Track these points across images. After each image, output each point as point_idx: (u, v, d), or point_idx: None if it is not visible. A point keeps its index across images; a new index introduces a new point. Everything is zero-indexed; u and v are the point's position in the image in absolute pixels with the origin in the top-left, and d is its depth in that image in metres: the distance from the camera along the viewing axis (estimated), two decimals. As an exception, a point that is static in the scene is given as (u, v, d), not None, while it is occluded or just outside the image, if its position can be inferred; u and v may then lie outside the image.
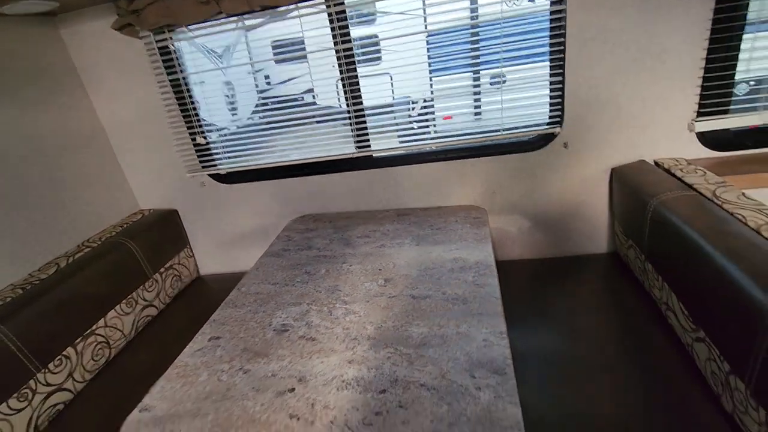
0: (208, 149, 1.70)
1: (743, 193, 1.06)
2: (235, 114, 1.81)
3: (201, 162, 1.71)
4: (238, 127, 1.76)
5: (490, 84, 1.49)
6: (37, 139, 1.42)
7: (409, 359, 0.86)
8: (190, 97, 1.60)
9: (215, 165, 1.71)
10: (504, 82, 1.45)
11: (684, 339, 1.05)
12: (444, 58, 1.47)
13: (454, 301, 1.02)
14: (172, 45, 1.52)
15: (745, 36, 1.23)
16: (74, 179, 1.54)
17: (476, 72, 1.51)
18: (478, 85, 1.50)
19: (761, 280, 0.77)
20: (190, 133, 1.64)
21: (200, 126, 1.65)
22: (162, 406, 0.84)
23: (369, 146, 1.60)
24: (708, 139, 1.35)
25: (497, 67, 1.41)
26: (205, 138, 1.66)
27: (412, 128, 1.59)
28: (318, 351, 0.93)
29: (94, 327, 1.35)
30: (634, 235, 1.29)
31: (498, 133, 1.47)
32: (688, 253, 0.98)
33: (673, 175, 1.25)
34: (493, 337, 0.89)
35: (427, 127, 1.62)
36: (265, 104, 1.70)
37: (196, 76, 1.61)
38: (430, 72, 1.55)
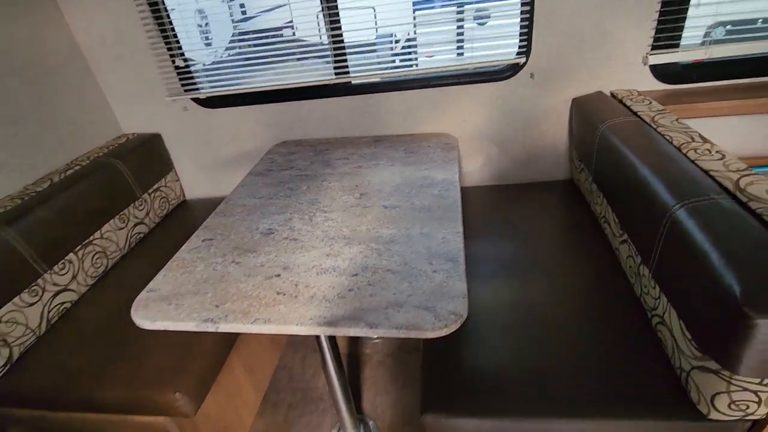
0: (189, 72, 1.72)
1: (677, 120, 1.20)
2: (210, 47, 1.81)
3: (182, 85, 1.74)
4: (213, 62, 1.77)
5: (467, 18, 1.54)
6: (12, 53, 1.42)
7: (378, 252, 1.01)
8: (168, 17, 1.60)
9: (196, 89, 1.74)
10: (487, 17, 1.51)
11: (613, 244, 1.24)
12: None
13: (420, 209, 1.16)
14: (147, -40, 1.49)
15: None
16: (55, 98, 1.56)
17: (460, 6, 1.55)
18: (461, 20, 1.55)
19: (671, 186, 0.93)
20: (170, 55, 1.66)
21: (179, 48, 1.66)
22: (166, 288, 0.98)
23: (348, 73, 1.65)
24: (659, 72, 1.47)
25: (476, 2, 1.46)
26: (185, 60, 1.68)
27: (394, 63, 1.66)
28: (300, 248, 1.07)
29: (91, 238, 1.46)
30: (585, 159, 1.44)
31: (471, 61, 1.55)
32: (622, 169, 1.13)
33: (624, 105, 1.38)
34: (450, 235, 1.04)
35: (410, 63, 1.68)
36: (241, 39, 1.71)
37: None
38: (414, 4, 1.58)
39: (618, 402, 0.88)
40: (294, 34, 1.65)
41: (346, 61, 1.63)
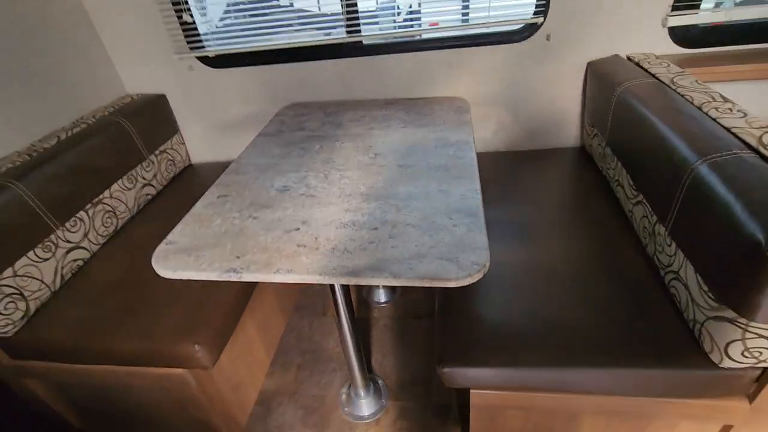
0: (195, 29, 1.67)
1: (696, 81, 1.19)
2: (204, 16, 1.74)
3: (189, 43, 1.69)
4: (220, 22, 1.71)
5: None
6: (13, 7, 1.37)
7: (397, 208, 1.01)
8: (173, -32, 1.54)
9: (203, 47, 1.70)
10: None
11: (626, 207, 1.25)
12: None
13: (436, 168, 1.16)
14: None
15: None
16: (57, 55, 1.51)
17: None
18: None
19: (692, 143, 0.93)
20: (176, 10, 1.60)
21: (186, 2, 1.60)
22: (184, 241, 0.98)
23: (360, 32, 1.61)
24: (678, 34, 1.44)
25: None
26: (191, 16, 1.62)
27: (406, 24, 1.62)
28: (317, 204, 1.06)
29: (101, 196, 1.45)
30: (599, 124, 1.43)
31: (486, 18, 1.52)
32: (641, 129, 1.13)
33: (641, 67, 1.36)
34: (469, 193, 1.04)
35: (422, 23, 1.64)
36: (237, 6, 1.65)
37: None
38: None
39: (630, 353, 0.90)
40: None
41: (358, 20, 1.59)
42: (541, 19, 1.48)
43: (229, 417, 1.37)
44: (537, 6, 1.48)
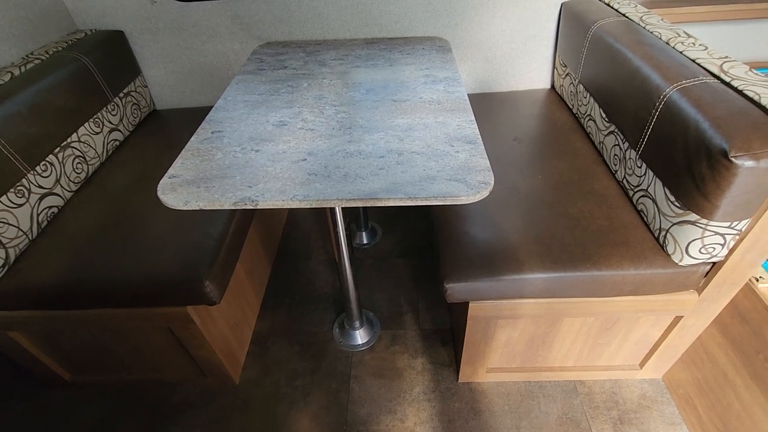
0: (155, -43, 1.52)
1: (662, 19, 1.29)
2: None
3: (148, -28, 1.54)
4: None
5: None
6: None
7: (399, 138, 1.05)
8: None
9: (165, -23, 1.56)
10: None
11: (597, 139, 1.37)
12: None
13: (429, 102, 1.20)
14: None
15: None
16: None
17: None
18: None
19: (664, 72, 1.04)
20: (134, -68, 1.44)
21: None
22: (188, 174, 0.96)
23: (338, -35, 1.55)
24: (643, -23, 1.54)
25: None
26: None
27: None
28: (319, 136, 1.07)
29: (69, 140, 1.35)
30: (572, 63, 1.52)
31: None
32: (615, 63, 1.22)
33: (612, 7, 1.45)
34: (465, 123, 1.10)
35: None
36: None
37: None
38: None
39: (607, 258, 1.04)
40: None
41: (335, -49, 1.53)
42: (520, -43, 1.50)
43: (231, 355, 1.41)
44: (516, -57, 1.50)
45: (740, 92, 0.91)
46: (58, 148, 1.31)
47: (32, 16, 1.46)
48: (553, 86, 1.80)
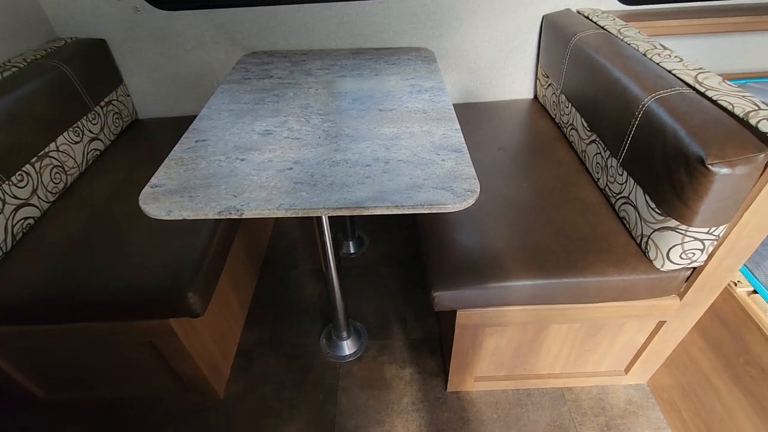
0: (139, -35, 1.51)
1: (638, 32, 1.34)
2: None
3: (132, -20, 1.53)
4: None
5: None
6: None
7: (385, 147, 1.05)
8: None
9: (149, -14, 1.55)
10: None
11: (579, 148, 1.40)
12: None
13: (415, 111, 1.21)
14: None
15: None
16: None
17: None
18: None
19: (642, 83, 1.07)
20: (117, -60, 1.44)
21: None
22: (172, 184, 0.94)
23: (323, -24, 1.57)
24: (621, -8, 1.59)
25: None
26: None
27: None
28: (305, 145, 1.07)
29: (46, 149, 1.31)
30: (553, 74, 1.56)
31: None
32: (595, 74, 1.25)
33: (591, 20, 1.49)
34: (450, 132, 1.11)
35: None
36: None
37: None
38: None
39: (591, 265, 1.06)
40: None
41: (321, -38, 1.54)
42: (502, -29, 1.54)
43: (215, 368, 1.38)
44: (498, -43, 1.54)
45: (714, 102, 0.95)
46: (36, 158, 1.27)
47: (10, 23, 1.43)
48: (536, 96, 1.84)
